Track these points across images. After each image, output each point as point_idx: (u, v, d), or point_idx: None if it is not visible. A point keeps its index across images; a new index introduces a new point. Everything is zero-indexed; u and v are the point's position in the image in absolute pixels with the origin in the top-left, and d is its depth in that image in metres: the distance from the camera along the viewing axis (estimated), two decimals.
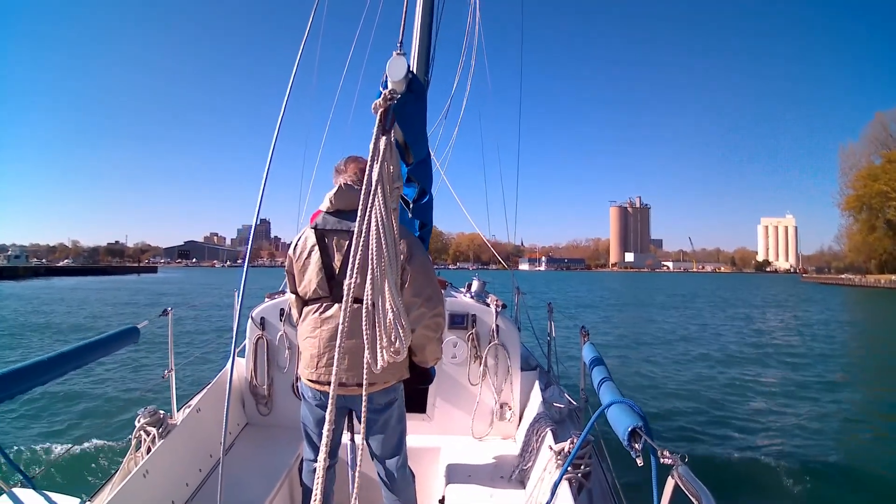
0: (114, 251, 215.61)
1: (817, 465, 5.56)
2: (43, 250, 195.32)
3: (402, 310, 1.62)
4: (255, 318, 3.28)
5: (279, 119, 1.76)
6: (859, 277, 69.19)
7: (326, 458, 1.52)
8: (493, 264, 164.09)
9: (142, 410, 2.49)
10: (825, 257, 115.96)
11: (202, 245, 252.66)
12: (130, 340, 2.68)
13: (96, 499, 2.18)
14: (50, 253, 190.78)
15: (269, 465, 2.75)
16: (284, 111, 1.78)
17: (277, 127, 1.77)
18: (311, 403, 2.15)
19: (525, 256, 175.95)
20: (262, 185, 1.74)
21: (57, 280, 55.36)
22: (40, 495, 1.69)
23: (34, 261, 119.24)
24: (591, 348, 2.68)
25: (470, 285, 3.53)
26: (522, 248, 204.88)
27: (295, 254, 2.13)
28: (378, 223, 1.51)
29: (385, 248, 1.52)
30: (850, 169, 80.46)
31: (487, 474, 2.68)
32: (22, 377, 1.93)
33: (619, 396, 1.78)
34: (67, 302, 27.28)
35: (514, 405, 3.17)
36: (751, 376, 10.40)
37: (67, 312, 21.79)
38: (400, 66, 1.55)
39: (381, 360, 1.63)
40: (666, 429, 6.74)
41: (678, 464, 1.25)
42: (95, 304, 26.50)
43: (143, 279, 63.08)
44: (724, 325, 20.36)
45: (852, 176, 78.40)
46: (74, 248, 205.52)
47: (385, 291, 1.56)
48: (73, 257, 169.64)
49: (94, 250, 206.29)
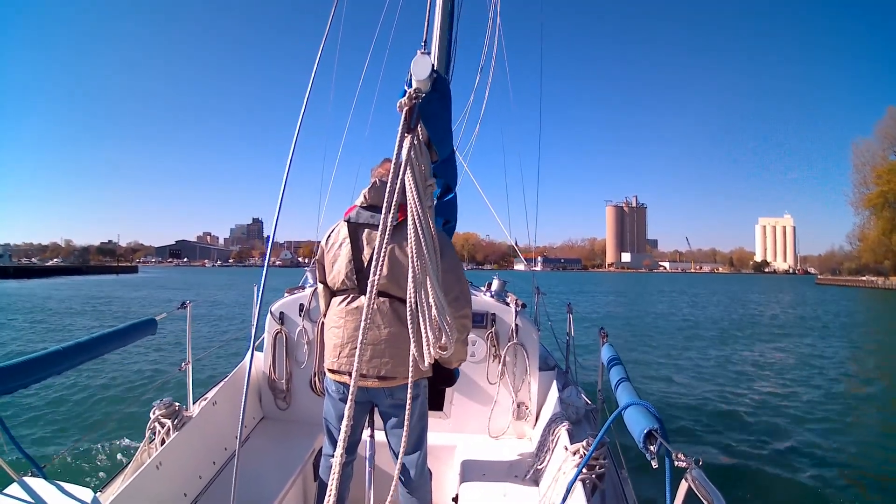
0: (104, 251, 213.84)
1: (836, 475, 5.48)
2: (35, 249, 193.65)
3: (445, 305, 1.63)
4: (274, 312, 3.29)
5: (299, 119, 1.76)
6: (882, 279, 63.11)
7: (343, 454, 1.52)
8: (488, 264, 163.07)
9: (157, 402, 2.49)
10: (836, 257, 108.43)
11: (194, 244, 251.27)
12: (148, 332, 2.67)
13: (108, 490, 2.16)
14: (41, 252, 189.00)
15: (284, 460, 2.74)
16: (304, 112, 1.77)
17: (297, 127, 1.77)
18: (334, 398, 2.16)
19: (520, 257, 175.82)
20: (282, 185, 1.72)
21: (34, 281, 52.41)
22: (52, 485, 1.68)
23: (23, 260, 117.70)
24: (610, 349, 2.67)
25: (490, 284, 3.53)
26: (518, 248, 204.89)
27: (327, 244, 2.17)
28: (416, 220, 1.53)
29: (424, 244, 1.54)
30: (862, 165, 75.44)
31: (502, 473, 2.67)
32: (37, 366, 1.92)
33: (635, 398, 1.78)
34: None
35: (531, 405, 3.18)
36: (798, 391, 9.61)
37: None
38: (424, 65, 1.55)
39: (427, 357, 1.65)
40: (689, 430, 6.72)
41: (692, 467, 1.25)
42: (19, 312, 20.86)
43: (121, 279, 60.99)
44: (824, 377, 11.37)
45: (869, 172, 73.07)
46: (67, 247, 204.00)
47: (428, 287, 1.58)
48: (63, 257, 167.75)
49: (85, 250, 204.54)
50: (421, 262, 1.56)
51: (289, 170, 1.75)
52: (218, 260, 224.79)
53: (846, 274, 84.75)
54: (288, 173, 1.75)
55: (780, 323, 22.66)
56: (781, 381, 10.37)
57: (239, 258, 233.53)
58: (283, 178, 1.73)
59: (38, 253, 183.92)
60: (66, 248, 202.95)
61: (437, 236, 1.98)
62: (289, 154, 1.71)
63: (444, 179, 2.87)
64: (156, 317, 2.74)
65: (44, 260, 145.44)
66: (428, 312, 1.60)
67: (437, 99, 1.75)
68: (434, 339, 1.63)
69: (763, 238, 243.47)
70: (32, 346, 12.42)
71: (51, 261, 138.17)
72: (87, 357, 2.20)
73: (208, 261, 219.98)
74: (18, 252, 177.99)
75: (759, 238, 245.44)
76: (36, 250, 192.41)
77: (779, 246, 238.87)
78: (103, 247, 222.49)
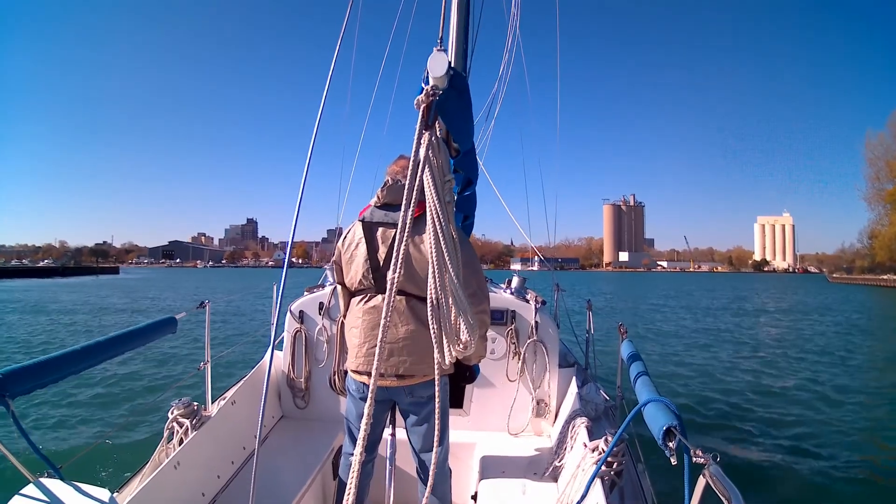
0: (97, 252, 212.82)
1: (856, 474, 5.41)
2: (28, 251, 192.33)
3: (466, 303, 1.62)
4: (293, 311, 3.28)
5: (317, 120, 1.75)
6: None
7: (363, 452, 1.51)
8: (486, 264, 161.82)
9: (175, 402, 2.48)
10: (847, 256, 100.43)
11: (187, 245, 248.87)
12: (168, 331, 2.65)
13: (125, 490, 2.15)
14: (34, 253, 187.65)
15: (303, 459, 2.74)
16: (322, 112, 1.76)
17: (315, 128, 1.77)
18: (355, 397, 2.16)
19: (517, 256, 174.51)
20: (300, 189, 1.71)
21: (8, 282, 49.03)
22: (68, 485, 1.66)
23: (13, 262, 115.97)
24: (629, 345, 2.67)
25: (510, 282, 3.54)
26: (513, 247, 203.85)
27: (343, 245, 2.17)
28: (434, 217, 1.52)
29: (444, 242, 1.53)
30: (876, 160, 70.91)
31: (521, 470, 2.67)
32: (56, 366, 1.91)
33: (655, 394, 1.78)
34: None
35: (550, 402, 3.17)
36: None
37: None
38: (440, 62, 1.53)
39: (448, 356, 1.64)
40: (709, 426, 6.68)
41: (710, 463, 1.25)
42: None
43: (100, 281, 57.22)
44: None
45: (883, 166, 68.70)
46: (61, 248, 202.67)
47: (447, 285, 1.57)
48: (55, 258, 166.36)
49: (78, 251, 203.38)
50: (440, 259, 1.54)
51: (307, 171, 1.73)
52: (210, 261, 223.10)
53: (859, 272, 77.95)
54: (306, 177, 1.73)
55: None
56: (804, 379, 10.08)
57: (231, 259, 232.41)
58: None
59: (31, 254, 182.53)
60: (61, 249, 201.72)
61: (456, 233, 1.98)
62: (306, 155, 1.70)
63: (465, 173, 2.85)
64: (175, 315, 2.72)
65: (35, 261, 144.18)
66: (448, 310, 1.59)
67: (455, 95, 1.73)
68: (456, 337, 1.62)
69: (762, 237, 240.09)
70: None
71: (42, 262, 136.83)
72: (105, 356, 2.19)
73: (200, 262, 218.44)
74: (10, 253, 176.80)
75: (757, 236, 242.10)
76: (29, 251, 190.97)
77: (778, 244, 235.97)
78: (97, 248, 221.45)
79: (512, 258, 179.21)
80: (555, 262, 6.53)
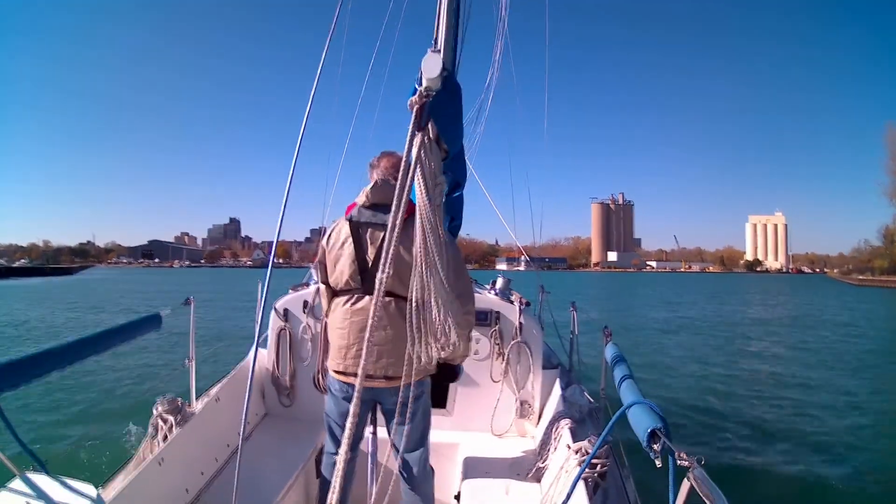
0: (78, 251, 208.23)
1: (841, 476, 5.41)
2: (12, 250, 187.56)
3: (449, 304, 1.63)
4: (278, 309, 3.28)
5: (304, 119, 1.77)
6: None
7: (348, 452, 1.52)
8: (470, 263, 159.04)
9: (160, 398, 2.48)
10: (864, 256, 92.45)
11: (167, 245, 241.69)
12: (152, 328, 2.64)
13: (110, 485, 2.14)
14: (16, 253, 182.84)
15: (287, 457, 2.75)
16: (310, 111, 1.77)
17: (302, 127, 1.78)
18: (337, 397, 2.15)
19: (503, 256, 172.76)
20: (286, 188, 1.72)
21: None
22: (54, 480, 1.67)
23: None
24: (614, 348, 2.68)
25: (495, 283, 3.55)
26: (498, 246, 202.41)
27: (328, 244, 2.13)
28: (424, 219, 1.53)
29: (431, 243, 1.55)
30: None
31: (504, 471, 2.68)
32: (41, 363, 1.91)
33: (639, 397, 1.78)
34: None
35: (534, 403, 3.20)
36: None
37: None
38: (435, 64, 1.54)
39: (426, 356, 1.66)
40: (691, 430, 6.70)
41: (695, 466, 1.26)
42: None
43: (48, 282, 50.91)
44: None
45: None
46: (45, 247, 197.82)
47: (432, 287, 1.58)
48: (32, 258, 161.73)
49: (59, 250, 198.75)
50: (428, 260, 1.56)
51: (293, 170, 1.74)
52: (187, 260, 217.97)
53: (879, 273, 70.73)
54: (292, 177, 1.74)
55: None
56: (790, 381, 10.12)
57: (210, 259, 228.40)
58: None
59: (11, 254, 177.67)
60: (45, 248, 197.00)
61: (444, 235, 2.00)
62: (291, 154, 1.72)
63: (454, 175, 2.86)
64: (160, 312, 2.71)
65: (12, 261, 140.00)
66: (433, 311, 1.61)
67: (448, 97, 1.75)
68: (439, 337, 1.64)
69: (754, 236, 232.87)
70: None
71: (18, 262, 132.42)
72: (90, 352, 2.18)
73: (178, 261, 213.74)
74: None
75: (749, 236, 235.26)
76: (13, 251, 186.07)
77: (770, 244, 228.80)
78: (80, 247, 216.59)
79: (497, 258, 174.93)
80: (542, 261, 6.45)
